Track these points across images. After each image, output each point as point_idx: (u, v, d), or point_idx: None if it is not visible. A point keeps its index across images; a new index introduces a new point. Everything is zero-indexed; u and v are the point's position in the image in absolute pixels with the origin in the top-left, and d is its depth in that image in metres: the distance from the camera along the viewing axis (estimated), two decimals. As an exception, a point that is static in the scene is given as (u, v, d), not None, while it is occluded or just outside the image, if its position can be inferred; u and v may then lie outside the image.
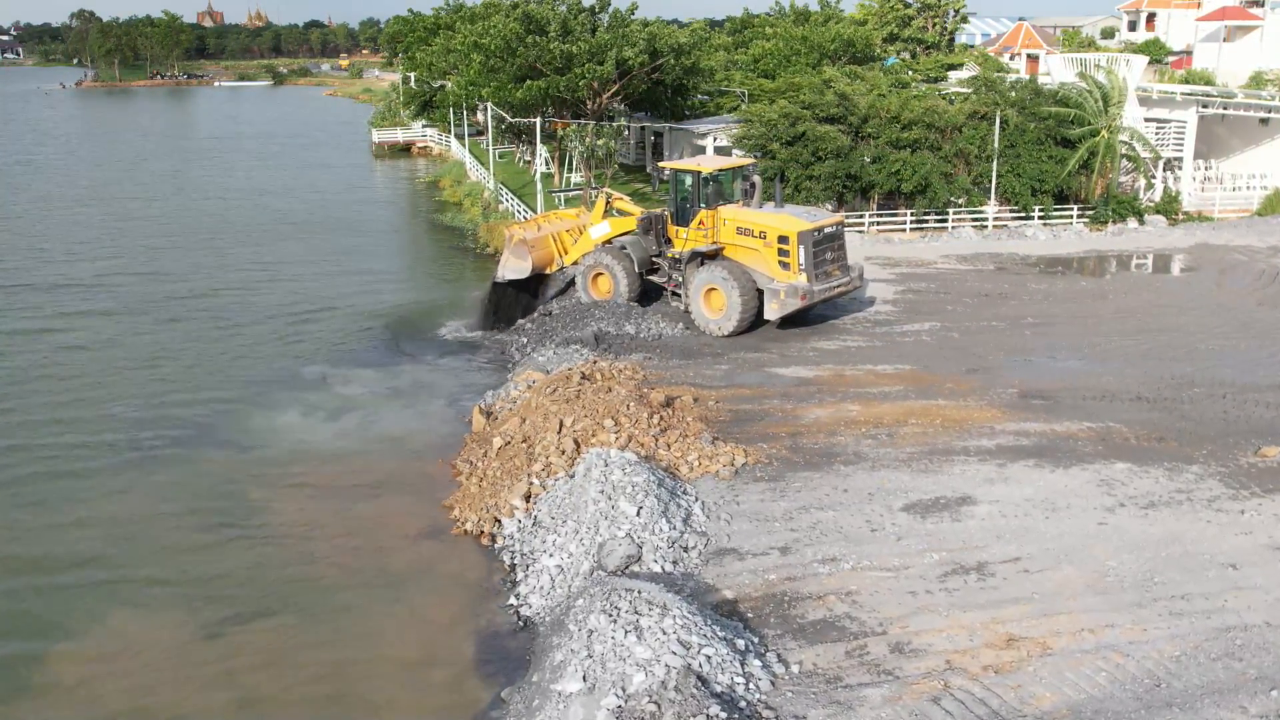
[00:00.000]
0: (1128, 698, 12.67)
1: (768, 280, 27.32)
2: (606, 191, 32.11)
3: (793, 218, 27.65)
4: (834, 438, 20.83)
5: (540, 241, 31.69)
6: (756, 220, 27.71)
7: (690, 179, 28.70)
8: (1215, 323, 29.34)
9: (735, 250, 28.05)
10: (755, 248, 27.62)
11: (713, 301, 27.77)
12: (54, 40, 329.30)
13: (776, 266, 27.24)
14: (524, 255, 31.25)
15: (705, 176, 28.45)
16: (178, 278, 40.27)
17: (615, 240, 30.46)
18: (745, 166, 30.07)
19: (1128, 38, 78.79)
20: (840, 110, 42.86)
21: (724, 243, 28.20)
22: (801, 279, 26.96)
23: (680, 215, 29.28)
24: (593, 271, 30.49)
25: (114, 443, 23.52)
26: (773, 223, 27.40)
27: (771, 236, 27.27)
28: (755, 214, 28.05)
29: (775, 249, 27.22)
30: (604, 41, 47.26)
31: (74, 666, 15.26)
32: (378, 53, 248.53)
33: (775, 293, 27.08)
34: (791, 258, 26.97)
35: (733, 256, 28.05)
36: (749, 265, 27.65)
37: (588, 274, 30.61)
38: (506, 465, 19.96)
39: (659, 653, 12.99)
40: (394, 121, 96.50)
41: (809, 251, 26.95)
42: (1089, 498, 18.05)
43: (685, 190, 28.94)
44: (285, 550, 18.48)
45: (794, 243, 26.87)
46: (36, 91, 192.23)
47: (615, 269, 29.83)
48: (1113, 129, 43.20)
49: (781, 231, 27.10)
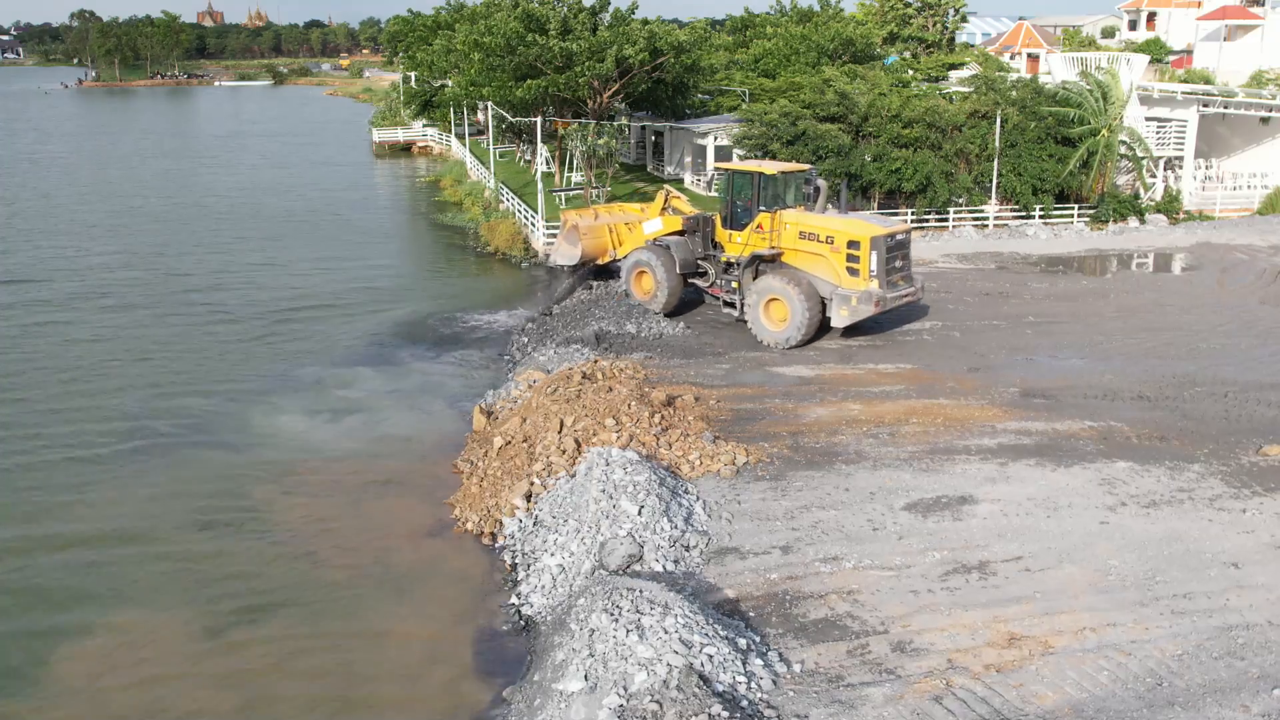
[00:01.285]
0: (1130, 696, 12.66)
1: (831, 287, 26.23)
2: (667, 188, 31.56)
3: (863, 222, 26.72)
4: (835, 436, 20.82)
5: (594, 230, 31.51)
6: (823, 225, 26.52)
7: (751, 180, 27.57)
8: (1216, 321, 29.33)
9: (795, 256, 26.96)
10: (820, 253, 26.43)
11: (774, 312, 26.60)
12: (54, 40, 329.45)
13: (844, 273, 26.08)
14: (574, 241, 31.25)
15: (768, 178, 27.29)
16: (179, 276, 40.25)
17: (661, 239, 29.87)
18: (807, 170, 28.96)
19: (1128, 37, 78.77)
20: (841, 109, 42.87)
21: (784, 248, 27.08)
22: (874, 285, 25.88)
23: (734, 218, 28.15)
24: (636, 269, 29.89)
25: (115, 441, 23.51)
26: (842, 227, 26.27)
27: (840, 241, 26.10)
28: (822, 218, 26.93)
29: (844, 254, 26.03)
30: (604, 40, 47.25)
31: (81, 667, 15.25)
32: (378, 52, 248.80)
33: (845, 299, 25.90)
34: (862, 264, 25.82)
35: (791, 262, 26.99)
36: (811, 272, 26.58)
37: (631, 271, 30.10)
38: (507, 465, 19.96)
39: (661, 652, 12.98)
40: (394, 121, 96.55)
41: (881, 257, 25.88)
42: (1091, 496, 18.04)
43: (742, 192, 27.85)
44: (288, 550, 18.47)
45: (865, 248, 25.75)
46: (36, 91, 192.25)
47: (657, 269, 29.04)
48: (1113, 128, 43.19)
49: (852, 236, 25.97)
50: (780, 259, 27.13)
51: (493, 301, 36.22)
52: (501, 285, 39.34)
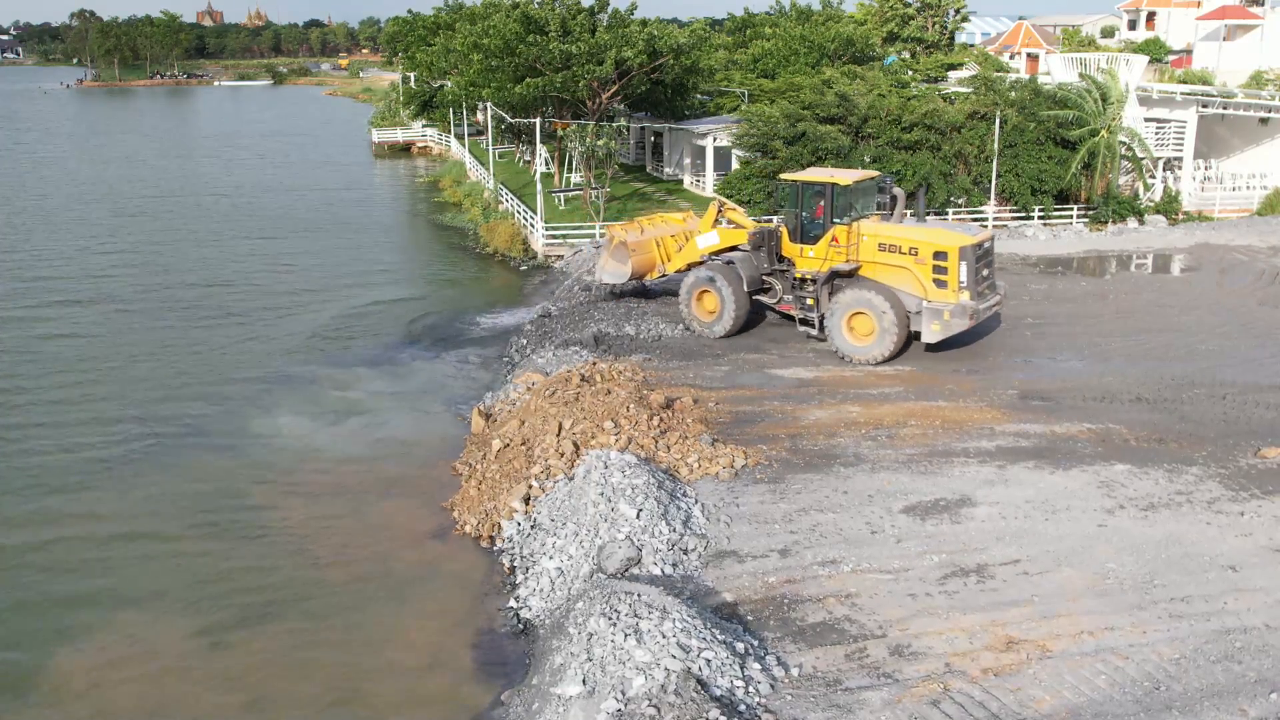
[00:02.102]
0: (1127, 700, 12.67)
1: (917, 300, 25.04)
2: (720, 200, 29.95)
3: (949, 232, 25.55)
4: (834, 439, 20.83)
5: (643, 245, 29.68)
6: (906, 236, 25.22)
7: (823, 192, 26.05)
8: (1215, 323, 29.33)
9: (875, 269, 25.58)
10: (904, 265, 25.13)
11: (859, 327, 25.37)
12: (54, 40, 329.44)
13: (931, 285, 24.82)
14: (624, 259, 29.47)
15: (843, 189, 25.86)
16: (177, 276, 40.26)
17: (723, 255, 28.03)
18: (882, 178, 27.76)
19: (1127, 36, 78.80)
20: (840, 110, 42.88)
21: (861, 260, 25.72)
22: (965, 297, 24.69)
23: (803, 231, 26.63)
24: (698, 289, 27.79)
25: (114, 442, 23.52)
26: (927, 238, 25.00)
27: (925, 253, 24.78)
28: (903, 229, 25.72)
29: (930, 266, 24.76)
30: (603, 41, 47.26)
31: (84, 669, 15.26)
32: (377, 52, 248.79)
33: (936, 313, 24.71)
34: (950, 275, 24.58)
35: (870, 275, 25.64)
36: (892, 285, 25.29)
37: (692, 291, 27.90)
38: (506, 468, 19.96)
39: (659, 656, 12.99)
40: (394, 121, 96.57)
41: (971, 268, 24.73)
42: (1089, 499, 18.04)
43: (813, 204, 26.39)
44: (288, 553, 18.48)
45: (954, 259, 24.48)
46: (36, 91, 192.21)
47: (723, 288, 27.20)
48: (1112, 129, 43.19)
49: (939, 247, 24.67)
50: (857, 273, 25.86)
51: (491, 303, 36.24)
52: (500, 286, 39.36)
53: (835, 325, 25.63)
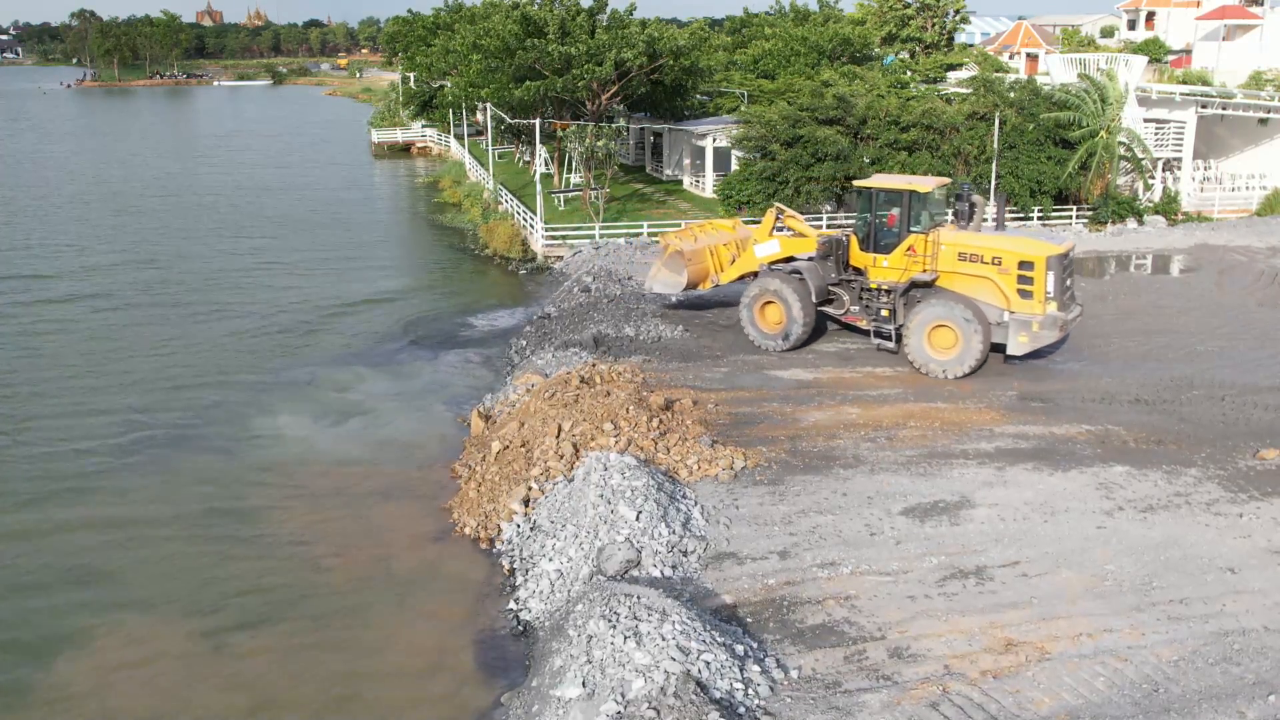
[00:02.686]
0: (1126, 702, 12.70)
1: (998, 312, 24.40)
2: (778, 207, 29.01)
3: (1033, 241, 25.06)
4: (833, 440, 20.86)
5: (697, 254, 28.80)
6: (989, 245, 24.59)
7: (901, 199, 25.26)
8: (1214, 324, 29.36)
9: (953, 279, 24.84)
10: (986, 275, 24.46)
11: (940, 340, 24.65)
12: (53, 40, 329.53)
13: (1014, 296, 24.21)
14: (679, 269, 28.53)
15: (921, 196, 25.15)
16: (176, 276, 40.26)
17: (787, 265, 27.08)
18: (961, 185, 26.93)
19: (1127, 36, 78.86)
20: (839, 112, 42.90)
21: (940, 270, 24.98)
22: (1053, 308, 24.11)
23: (875, 239, 25.84)
24: (761, 300, 26.79)
25: (113, 446, 23.53)
26: (1012, 247, 24.44)
27: (1010, 263, 24.14)
28: (986, 238, 25.08)
29: (1014, 276, 24.14)
30: (602, 43, 47.28)
31: (87, 673, 15.27)
32: (377, 52, 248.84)
33: (1024, 325, 24.10)
34: (1037, 286, 23.95)
35: (949, 286, 24.88)
36: (973, 296, 24.61)
37: (755, 302, 26.93)
38: (505, 470, 19.97)
39: (658, 659, 13.01)
40: (393, 121, 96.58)
41: (1059, 278, 24.13)
42: (1088, 501, 18.07)
43: (888, 211, 25.63)
44: (288, 555, 18.49)
45: (1041, 269, 23.88)
46: (35, 91, 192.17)
47: (789, 298, 26.16)
48: (1112, 130, 43.22)
49: (1025, 257, 24.07)
50: (934, 283, 25.11)
51: (491, 304, 36.26)
52: (499, 287, 39.38)
53: (915, 338, 24.82)
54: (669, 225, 42.73)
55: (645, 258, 38.21)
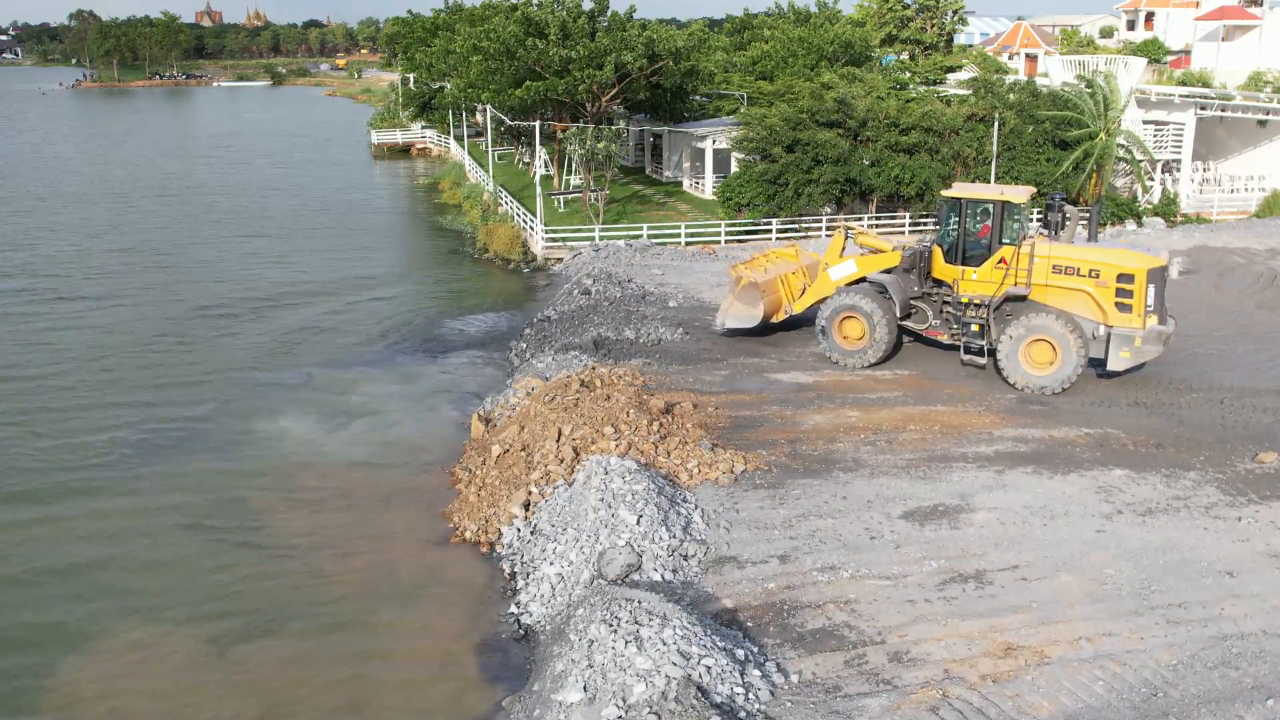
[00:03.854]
0: (1125, 707, 12.75)
1: (1094, 325, 23.77)
2: (847, 226, 28.08)
3: (1132, 253, 24.41)
4: (833, 444, 20.90)
5: (769, 285, 27.84)
6: (1085, 257, 23.94)
7: (991, 209, 24.62)
8: (1213, 326, 29.41)
9: (1046, 292, 24.20)
10: (1082, 289, 23.84)
11: (1037, 355, 23.97)
12: (53, 40, 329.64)
13: (1113, 309, 23.61)
14: (755, 301, 27.52)
15: (1015, 207, 24.44)
16: (176, 277, 40.30)
17: (870, 280, 26.18)
18: (1053, 195, 26.04)
19: (1126, 37, 78.95)
20: (839, 115, 42.96)
21: (1033, 283, 24.32)
22: (1154, 322, 23.63)
23: (962, 251, 25.04)
24: (840, 315, 25.97)
25: (113, 447, 23.56)
26: (1110, 259, 23.81)
27: (1108, 275, 23.54)
28: (1082, 249, 24.37)
29: (1113, 289, 23.52)
30: (603, 46, 47.32)
31: (93, 679, 15.32)
32: (376, 52, 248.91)
33: (1126, 340, 23.48)
34: (1137, 299, 23.38)
35: (1041, 299, 24.24)
36: (1068, 309, 23.99)
37: (834, 318, 26.04)
38: (505, 474, 20.02)
39: (659, 663, 13.07)
40: (393, 123, 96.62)
41: (1159, 291, 23.66)
42: (1087, 505, 18.12)
43: (978, 222, 24.97)
44: (289, 561, 18.53)
45: (1141, 282, 23.31)
46: (35, 92, 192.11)
47: (873, 313, 25.46)
48: (1111, 131, 43.28)
49: (1125, 270, 23.47)
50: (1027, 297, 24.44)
51: (491, 306, 36.31)
52: (499, 289, 39.42)
53: (1011, 354, 24.10)
54: (669, 227, 42.82)
55: (645, 260, 38.29)
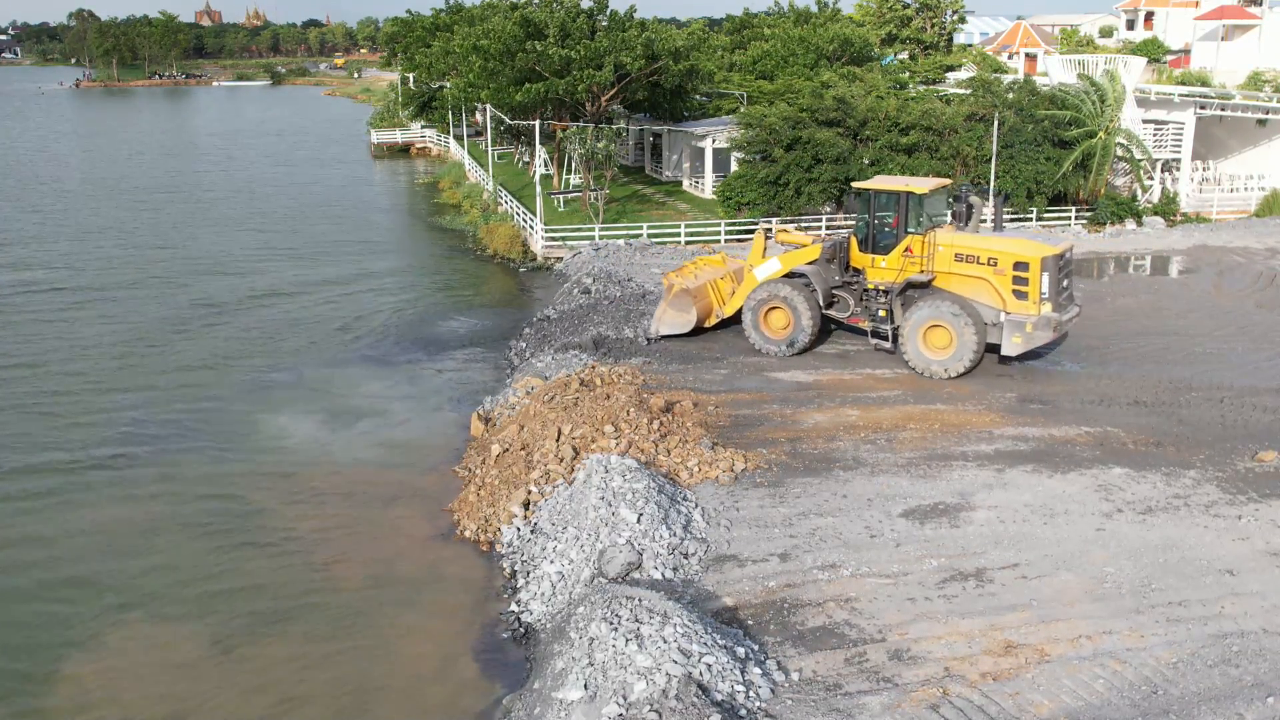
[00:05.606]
0: (1125, 705, 12.76)
1: (994, 312, 24.50)
2: (767, 226, 27.93)
3: (1029, 242, 25.23)
4: (833, 443, 20.91)
5: (701, 291, 28.25)
6: (984, 246, 24.68)
7: (897, 200, 25.41)
8: (1213, 325, 29.42)
9: (950, 280, 24.97)
10: (981, 276, 24.56)
11: (935, 340, 24.76)
12: (52, 40, 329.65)
13: (1010, 297, 24.27)
14: (688, 308, 27.85)
15: (918, 197, 25.23)
16: (178, 276, 40.32)
17: (794, 271, 26.76)
18: (959, 186, 26.61)
19: (1126, 36, 78.96)
20: (839, 114, 42.98)
21: (937, 271, 25.10)
22: (1048, 309, 24.19)
23: (875, 241, 25.91)
24: (766, 306, 26.62)
25: (113, 446, 23.57)
26: (1007, 248, 24.52)
27: (1005, 263, 24.21)
28: (982, 239, 25.16)
29: (1010, 277, 24.21)
30: (602, 46, 47.32)
31: (98, 677, 15.33)
32: (376, 52, 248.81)
33: (1018, 326, 24.16)
34: (1032, 286, 24.03)
35: (945, 286, 25.01)
36: (969, 296, 24.73)
37: (759, 309, 26.71)
38: (505, 473, 20.03)
39: (660, 661, 13.07)
40: (393, 122, 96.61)
41: (1053, 279, 24.25)
42: (1087, 503, 18.13)
43: (886, 213, 25.78)
44: (292, 559, 18.53)
45: (1036, 270, 23.93)
46: (34, 91, 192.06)
47: (797, 303, 26.16)
48: (1110, 130, 43.29)
49: (1020, 258, 24.13)
50: (932, 284, 25.20)
51: (491, 305, 36.33)
52: (499, 289, 39.43)
53: (911, 338, 24.95)
54: (669, 227, 42.84)
55: (645, 259, 38.30)
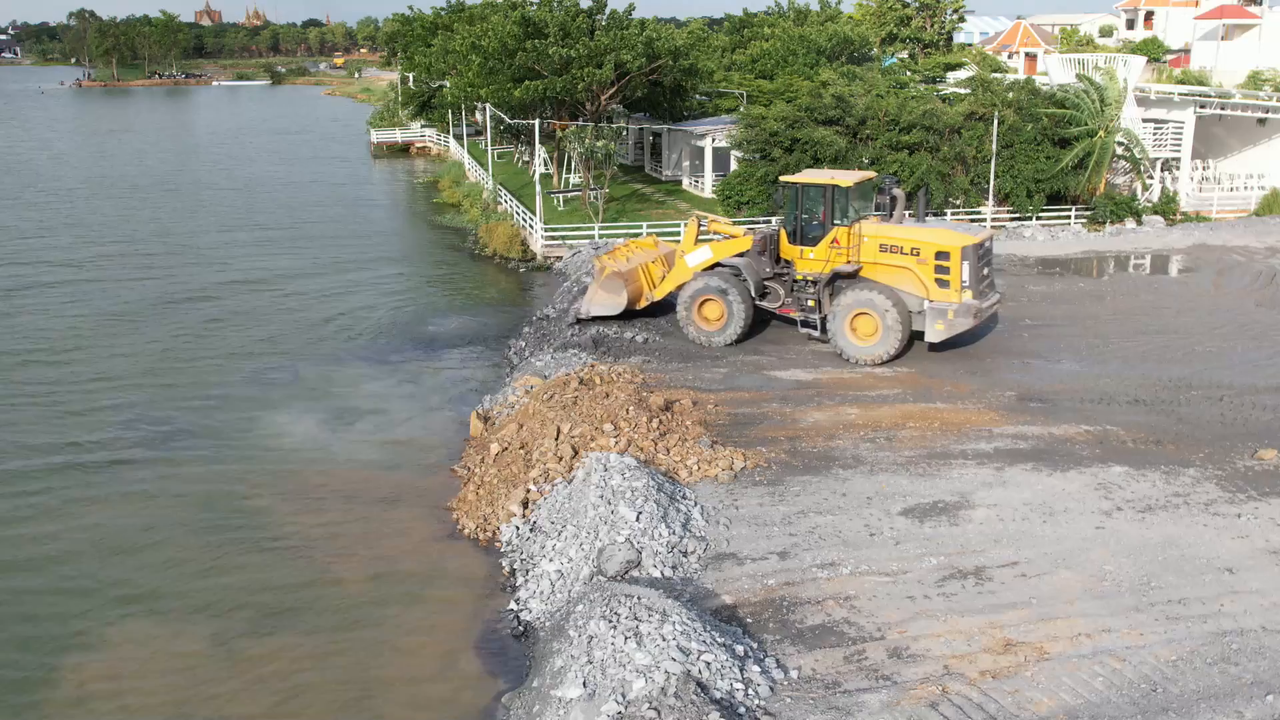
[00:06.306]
0: (1124, 703, 12.75)
1: (919, 300, 25.33)
2: (698, 214, 29.10)
3: (950, 232, 25.78)
4: (832, 441, 20.91)
5: (631, 274, 28.69)
6: (907, 236, 25.45)
7: (824, 193, 26.12)
8: (1213, 324, 29.41)
9: (876, 270, 25.74)
10: (905, 266, 25.36)
11: (862, 328, 25.49)
12: (52, 40, 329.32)
13: (933, 285, 25.09)
14: (618, 290, 28.25)
15: (844, 190, 25.91)
16: (177, 275, 40.30)
17: (725, 263, 27.47)
18: (882, 178, 27.83)
19: (1126, 36, 79.00)
20: (838, 112, 42.97)
21: (863, 262, 25.86)
22: (968, 297, 25.00)
23: (803, 233, 26.61)
24: (699, 298, 27.20)
25: (113, 445, 23.56)
26: (929, 238, 25.25)
27: (927, 253, 25.02)
28: (905, 230, 25.89)
29: (932, 266, 25.02)
30: (602, 45, 47.30)
31: (101, 675, 15.32)
32: (375, 51, 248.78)
33: (940, 313, 24.97)
34: (953, 275, 24.84)
35: (872, 277, 25.79)
36: (894, 285, 25.46)
37: (693, 301, 27.29)
38: (504, 472, 20.02)
39: (659, 659, 13.07)
40: (392, 121, 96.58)
41: (974, 268, 24.98)
42: (1086, 501, 18.13)
43: (813, 205, 26.47)
44: (292, 558, 18.52)
45: (956, 259, 24.75)
46: (34, 91, 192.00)
47: (730, 295, 26.83)
48: (1110, 129, 43.28)
49: (941, 247, 24.92)
50: (858, 274, 25.94)
51: (490, 304, 36.31)
52: (499, 288, 39.43)
53: (838, 326, 25.70)
54: (669, 226, 42.81)
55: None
